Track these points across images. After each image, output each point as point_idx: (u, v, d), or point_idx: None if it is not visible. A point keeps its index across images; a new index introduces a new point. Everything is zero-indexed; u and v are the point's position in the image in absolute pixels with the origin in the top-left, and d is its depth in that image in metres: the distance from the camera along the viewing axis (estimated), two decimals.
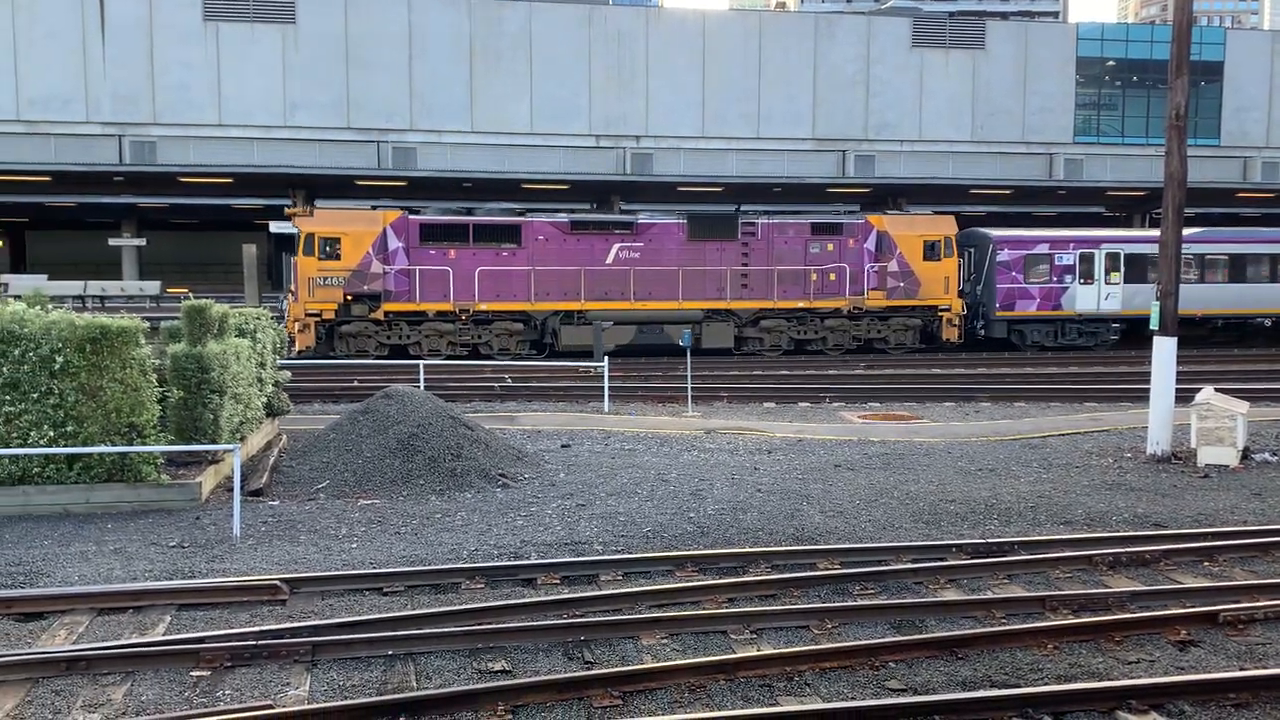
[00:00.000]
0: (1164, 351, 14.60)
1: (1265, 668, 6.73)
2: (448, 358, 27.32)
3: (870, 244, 30.26)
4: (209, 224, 51.64)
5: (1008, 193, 42.16)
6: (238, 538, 9.91)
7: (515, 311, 28.47)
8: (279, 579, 8.18)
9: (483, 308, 28.19)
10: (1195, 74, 39.33)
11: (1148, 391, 15.05)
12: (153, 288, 43.25)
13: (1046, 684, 6.41)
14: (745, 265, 29.61)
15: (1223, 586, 8.34)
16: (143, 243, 45.81)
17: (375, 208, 30.88)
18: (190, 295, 16.52)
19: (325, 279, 27.20)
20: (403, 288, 27.73)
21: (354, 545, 9.69)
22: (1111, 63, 52.17)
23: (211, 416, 12.05)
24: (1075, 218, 44.02)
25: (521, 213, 30.48)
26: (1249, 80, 52.02)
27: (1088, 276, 31.60)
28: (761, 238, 29.75)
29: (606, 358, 21.91)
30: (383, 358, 27.21)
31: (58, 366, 10.89)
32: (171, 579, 8.52)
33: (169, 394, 11.94)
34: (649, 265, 28.98)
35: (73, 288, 41.01)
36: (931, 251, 30.45)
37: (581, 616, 7.54)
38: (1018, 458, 14.41)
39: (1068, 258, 31.57)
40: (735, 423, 17.86)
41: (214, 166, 39.26)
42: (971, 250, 32.24)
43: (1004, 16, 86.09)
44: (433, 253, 27.91)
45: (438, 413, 13.35)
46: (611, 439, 15.89)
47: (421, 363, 21.60)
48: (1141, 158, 50.34)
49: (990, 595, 8.16)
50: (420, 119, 46.36)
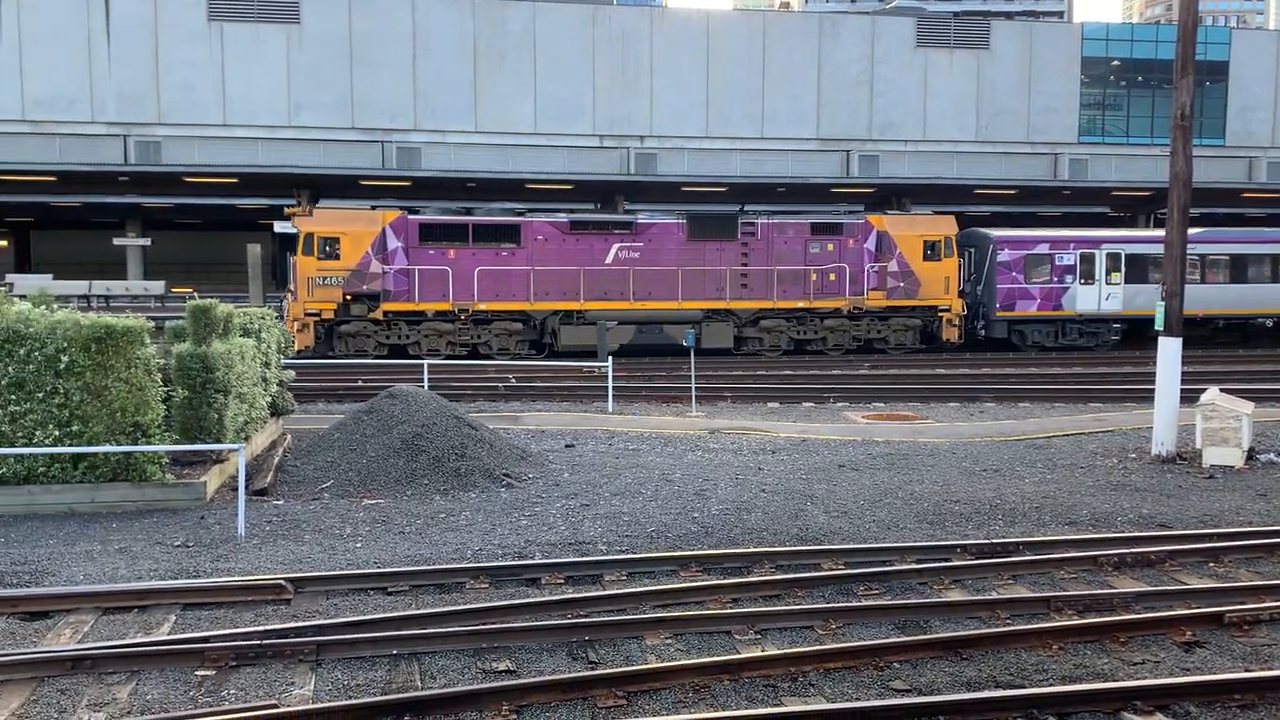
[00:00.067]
0: (1169, 352, 14.57)
1: (1271, 669, 6.72)
2: (447, 358, 27.32)
3: (870, 244, 30.22)
4: (214, 224, 51.68)
5: (1012, 193, 42.09)
6: (242, 537, 9.93)
7: (514, 311, 28.47)
8: (284, 578, 8.20)
9: (482, 307, 28.18)
10: (1200, 74, 39.08)
11: (1152, 392, 15.04)
12: (157, 287, 43.25)
13: (1051, 685, 6.41)
14: (745, 265, 29.58)
15: (1228, 587, 8.33)
16: (148, 242, 45.83)
17: (375, 208, 30.88)
18: (195, 295, 16.54)
19: (324, 279, 27.21)
20: (402, 287, 27.74)
21: (358, 545, 9.70)
22: (1116, 62, 52.03)
23: (216, 416, 12.07)
24: (1080, 218, 43.94)
25: (521, 212, 30.47)
26: (1254, 80, 51.83)
27: (1088, 277, 31.54)
28: (761, 238, 29.72)
29: (610, 358, 21.92)
30: (382, 358, 27.20)
31: (63, 366, 10.93)
32: (176, 578, 8.53)
33: (174, 393, 11.95)
34: (648, 265, 28.96)
35: (78, 287, 41.03)
36: (931, 251, 30.41)
37: (586, 616, 7.55)
38: (1022, 458, 14.39)
39: (1068, 258, 31.51)
40: (739, 423, 17.86)
41: (219, 166, 39.31)
42: (972, 250, 32.19)
43: (1008, 16, 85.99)
44: (432, 253, 27.91)
45: (442, 412, 13.37)
46: (615, 439, 15.89)
47: (425, 362, 21.61)
48: (1146, 158, 50.16)
49: (995, 596, 8.16)
50: (424, 119, 46.34)
